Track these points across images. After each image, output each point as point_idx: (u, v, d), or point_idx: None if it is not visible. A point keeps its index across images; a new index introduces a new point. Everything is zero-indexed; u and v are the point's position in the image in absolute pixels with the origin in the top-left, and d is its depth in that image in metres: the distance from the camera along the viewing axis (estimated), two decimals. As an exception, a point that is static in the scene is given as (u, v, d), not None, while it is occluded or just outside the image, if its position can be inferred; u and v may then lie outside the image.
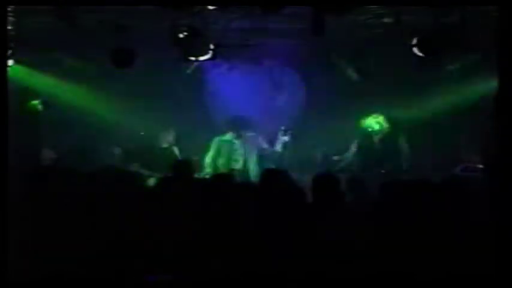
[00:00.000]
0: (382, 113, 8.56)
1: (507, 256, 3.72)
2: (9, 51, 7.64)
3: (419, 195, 4.24)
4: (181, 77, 9.18)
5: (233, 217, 4.37)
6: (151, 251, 4.17)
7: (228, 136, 8.70)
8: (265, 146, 8.70)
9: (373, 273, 3.89)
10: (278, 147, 8.57)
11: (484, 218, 4.06)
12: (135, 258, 4.13)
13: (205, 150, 8.81)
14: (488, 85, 7.61)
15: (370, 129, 8.45)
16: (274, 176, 4.99)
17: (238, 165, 8.59)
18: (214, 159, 8.65)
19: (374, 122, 8.46)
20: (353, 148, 8.64)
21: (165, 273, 4.06)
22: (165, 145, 8.85)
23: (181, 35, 7.28)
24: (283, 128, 8.54)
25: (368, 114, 8.52)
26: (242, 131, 8.64)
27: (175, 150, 8.84)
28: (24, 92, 8.81)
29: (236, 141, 8.66)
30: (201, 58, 7.77)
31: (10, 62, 7.76)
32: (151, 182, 7.64)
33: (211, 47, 7.68)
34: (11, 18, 7.15)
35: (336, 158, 9.36)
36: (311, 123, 9.43)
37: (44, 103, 9.15)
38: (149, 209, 4.53)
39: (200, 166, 8.63)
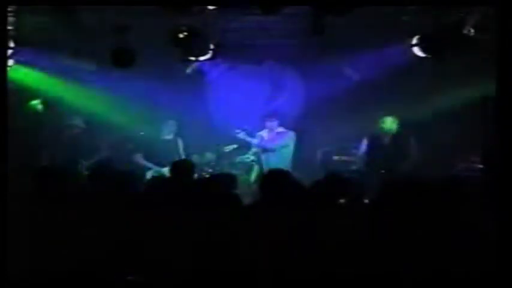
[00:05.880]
0: (380, 113, 8.55)
1: (507, 256, 3.72)
2: (9, 51, 7.64)
3: (419, 195, 4.24)
4: (181, 77, 9.18)
5: (234, 217, 4.37)
6: (152, 251, 4.17)
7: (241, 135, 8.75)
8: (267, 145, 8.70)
9: (374, 273, 3.89)
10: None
11: (484, 218, 4.06)
12: (135, 258, 4.14)
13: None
14: (488, 85, 7.60)
15: (386, 130, 8.36)
16: (276, 176, 4.98)
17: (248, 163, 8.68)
18: None
19: (391, 123, 8.37)
20: (363, 147, 8.58)
21: (165, 274, 4.07)
22: (168, 137, 8.87)
23: (181, 35, 7.29)
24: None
25: (384, 116, 8.45)
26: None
27: (179, 142, 8.88)
28: (24, 92, 8.81)
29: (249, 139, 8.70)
30: (201, 58, 7.78)
31: (10, 62, 7.76)
32: (151, 180, 7.64)
33: (211, 47, 7.68)
34: (11, 18, 7.15)
35: (336, 158, 9.37)
36: (311, 123, 9.42)
37: (44, 103, 9.15)
38: (149, 208, 4.53)
39: (200, 164, 8.68)
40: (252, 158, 8.96)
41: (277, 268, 4.03)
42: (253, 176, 8.88)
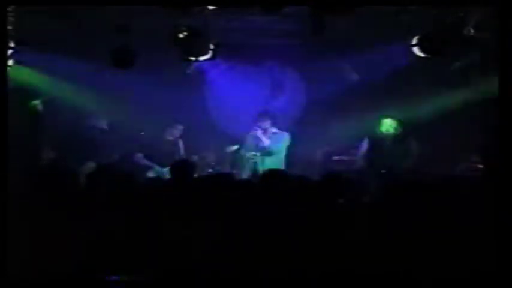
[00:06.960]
0: (380, 113, 8.56)
1: (508, 256, 3.72)
2: (10, 51, 7.63)
3: (419, 196, 4.24)
4: (181, 77, 9.18)
5: (233, 217, 4.37)
6: (152, 251, 4.17)
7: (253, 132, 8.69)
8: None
9: (373, 273, 3.89)
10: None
11: (485, 218, 4.06)
12: (135, 258, 4.14)
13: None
14: (489, 85, 7.61)
15: (385, 130, 8.37)
16: (275, 176, 4.98)
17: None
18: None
19: (390, 123, 8.38)
20: (363, 147, 8.59)
21: (164, 274, 4.07)
22: (169, 137, 8.90)
23: (181, 35, 7.29)
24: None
25: (383, 117, 8.46)
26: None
27: (180, 142, 8.90)
28: (24, 92, 8.80)
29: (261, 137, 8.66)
30: (201, 58, 7.77)
31: (10, 62, 7.76)
32: (151, 180, 7.63)
33: (211, 47, 7.67)
34: (11, 18, 7.15)
35: (336, 158, 9.37)
36: (311, 123, 9.42)
37: (44, 103, 9.14)
38: (149, 209, 4.53)
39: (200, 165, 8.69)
40: (254, 158, 8.92)
41: (276, 268, 4.03)
42: (251, 176, 8.88)
